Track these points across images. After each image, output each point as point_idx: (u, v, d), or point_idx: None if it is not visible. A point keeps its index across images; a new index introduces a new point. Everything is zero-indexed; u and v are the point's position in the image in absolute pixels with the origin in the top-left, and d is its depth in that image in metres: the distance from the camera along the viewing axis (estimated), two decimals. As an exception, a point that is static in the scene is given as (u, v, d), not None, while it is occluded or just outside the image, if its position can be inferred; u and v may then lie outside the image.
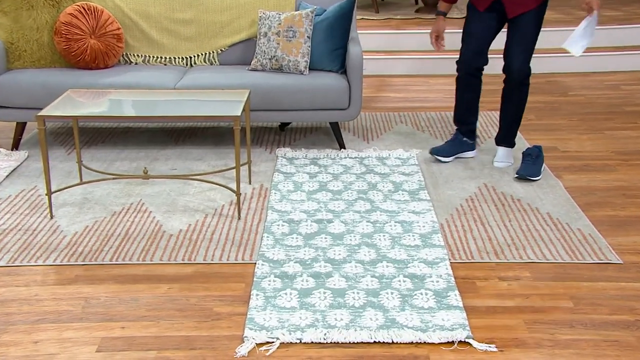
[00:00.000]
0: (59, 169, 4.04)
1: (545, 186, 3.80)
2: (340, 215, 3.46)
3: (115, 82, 4.16)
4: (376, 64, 6.08)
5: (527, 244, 3.20)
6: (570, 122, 4.87)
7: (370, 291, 2.81)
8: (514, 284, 2.89)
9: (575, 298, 2.79)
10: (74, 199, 3.66)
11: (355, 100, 4.16)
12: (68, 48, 4.26)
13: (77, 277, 2.95)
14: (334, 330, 2.55)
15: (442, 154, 4.07)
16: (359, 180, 3.88)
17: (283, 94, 4.13)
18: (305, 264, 3.02)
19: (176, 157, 4.22)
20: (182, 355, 2.44)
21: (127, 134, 4.59)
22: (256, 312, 2.67)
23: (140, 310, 2.71)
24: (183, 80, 4.22)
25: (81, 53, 4.28)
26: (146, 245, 3.19)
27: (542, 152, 3.97)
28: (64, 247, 3.18)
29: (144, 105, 3.49)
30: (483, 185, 3.82)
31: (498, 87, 4.17)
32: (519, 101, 3.93)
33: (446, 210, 3.53)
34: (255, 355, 2.44)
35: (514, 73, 3.81)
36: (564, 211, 3.51)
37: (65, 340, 2.53)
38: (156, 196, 3.69)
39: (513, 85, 3.88)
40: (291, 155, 4.23)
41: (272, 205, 3.56)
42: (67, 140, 4.49)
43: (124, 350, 2.48)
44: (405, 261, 3.03)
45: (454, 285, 2.84)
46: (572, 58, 6.01)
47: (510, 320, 2.64)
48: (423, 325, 2.58)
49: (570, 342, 2.52)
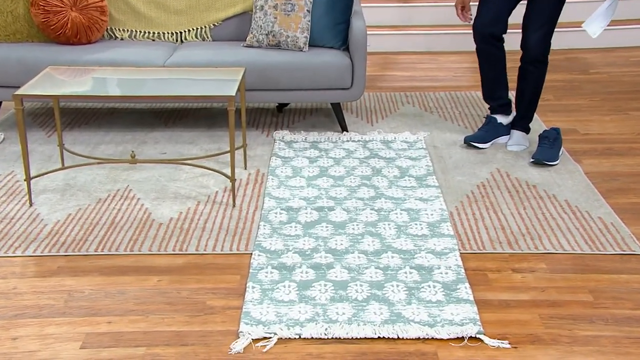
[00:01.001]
0: (38, 152, 4.06)
1: (563, 171, 3.82)
2: (342, 203, 3.48)
3: (99, 59, 4.16)
4: (381, 39, 6.08)
5: (543, 233, 3.22)
6: (592, 102, 4.88)
7: (374, 283, 2.83)
8: (528, 276, 2.91)
9: (596, 291, 2.81)
10: (55, 185, 3.67)
11: (358, 79, 4.17)
12: (46, 21, 4.26)
13: (60, 268, 2.97)
14: (335, 325, 2.57)
15: (479, 141, 4.07)
16: (362, 165, 3.89)
17: (281, 73, 4.13)
18: (304, 254, 3.04)
19: (166, 140, 4.23)
20: (172, 352, 2.47)
21: (113, 115, 4.60)
22: (252, 305, 2.69)
23: (127, 304, 2.74)
24: (173, 57, 4.22)
25: (61, 27, 4.28)
26: (134, 235, 3.21)
27: (560, 135, 3.98)
28: (45, 236, 3.20)
29: (131, 84, 3.50)
30: (496, 170, 3.84)
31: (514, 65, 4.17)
32: (535, 80, 3.94)
33: (456, 197, 3.55)
34: (251, 352, 2.47)
35: (531, 49, 3.82)
36: (584, 198, 3.53)
37: (46, 336, 2.55)
38: (144, 182, 3.70)
39: (529, 63, 3.89)
40: (290, 138, 4.24)
41: (269, 192, 3.58)
42: (47, 121, 4.50)
43: (110, 346, 2.50)
44: (412, 252, 3.05)
45: (464, 278, 2.86)
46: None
47: (525, 315, 2.66)
48: (431, 320, 2.60)
49: (589, 338, 2.53)
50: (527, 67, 3.91)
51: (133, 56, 4.18)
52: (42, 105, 4.76)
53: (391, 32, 6.14)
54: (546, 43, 3.81)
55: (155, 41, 4.53)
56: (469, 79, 5.38)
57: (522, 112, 4.06)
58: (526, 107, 4.04)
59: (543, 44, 3.80)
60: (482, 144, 4.07)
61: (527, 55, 3.86)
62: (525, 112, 4.06)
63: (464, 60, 5.85)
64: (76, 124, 4.47)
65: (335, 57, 4.16)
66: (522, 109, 4.06)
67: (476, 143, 4.07)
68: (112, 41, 4.49)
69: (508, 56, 4.07)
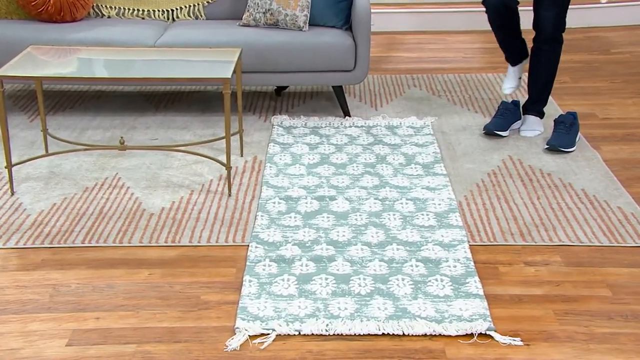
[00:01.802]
0: (20, 138, 4.06)
1: (580, 158, 3.82)
2: (344, 192, 3.49)
3: (84, 38, 4.16)
4: (386, 18, 6.07)
5: (558, 224, 3.23)
6: (612, 84, 4.88)
7: (378, 277, 2.84)
8: (542, 269, 2.92)
9: (614, 286, 2.82)
10: (38, 172, 3.68)
11: (361, 61, 4.17)
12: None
13: (44, 261, 2.98)
14: (337, 321, 2.58)
15: (500, 129, 4.04)
16: (365, 152, 3.90)
17: (279, 53, 4.13)
18: (304, 246, 3.05)
19: (157, 125, 4.24)
20: (164, 349, 2.48)
21: (100, 99, 4.60)
22: (249, 300, 2.70)
23: (117, 299, 2.75)
24: (164, 36, 4.22)
25: (43, 3, 4.28)
26: (123, 226, 3.22)
27: (577, 120, 3.98)
28: (28, 227, 3.21)
29: (119, 66, 3.50)
30: (508, 157, 3.84)
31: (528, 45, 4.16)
32: (550, 61, 3.94)
33: (465, 186, 3.56)
34: (247, 349, 2.48)
35: (544, 28, 3.81)
36: (602, 187, 3.53)
37: (30, 333, 2.56)
38: (134, 170, 3.71)
39: (543, 43, 3.89)
40: (289, 123, 4.25)
41: (267, 181, 3.59)
42: (29, 105, 4.51)
43: (98, 344, 2.51)
44: (418, 243, 3.06)
45: (474, 271, 2.87)
46: (616, 9, 5.98)
47: (538, 310, 2.67)
48: (438, 316, 2.61)
49: (607, 336, 2.54)
50: (541, 46, 3.91)
51: (121, 35, 4.18)
52: (24, 88, 4.76)
53: (397, 10, 6.13)
54: (560, 20, 3.81)
55: (145, 19, 4.53)
56: (479, 61, 5.38)
57: (536, 95, 4.06)
58: (540, 90, 4.04)
59: (558, 21, 3.80)
60: (503, 131, 4.05)
61: (541, 34, 3.86)
62: (539, 96, 4.06)
63: (474, 41, 5.84)
64: (60, 107, 4.47)
65: (337, 37, 4.16)
66: (535, 92, 4.06)
67: (499, 132, 4.03)
68: (98, 19, 4.49)
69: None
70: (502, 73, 5.03)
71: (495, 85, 4.82)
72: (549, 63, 3.94)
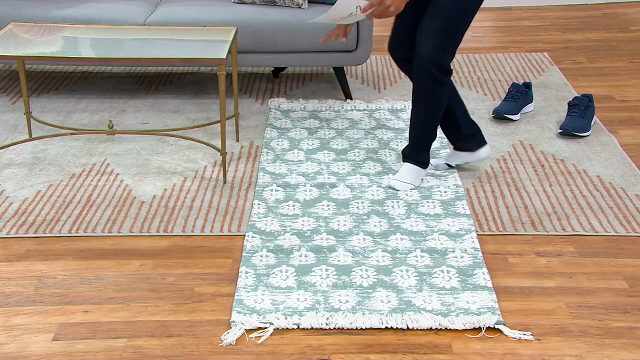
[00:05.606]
0: (1, 122, 4.07)
1: (595, 144, 3.84)
2: (345, 179, 3.50)
3: (70, 16, 4.16)
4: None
5: (571, 213, 3.25)
6: (632, 64, 4.87)
7: (381, 268, 2.86)
8: (554, 260, 2.94)
9: (631, 278, 2.84)
10: (22, 158, 3.70)
11: (364, 41, 4.18)
12: (13, -26, 4.26)
13: (29, 252, 3.00)
14: (338, 315, 2.61)
15: (511, 112, 4.04)
16: (368, 137, 3.91)
17: (277, 33, 4.14)
18: (304, 236, 3.07)
19: (148, 108, 4.25)
20: (157, 344, 2.50)
21: (87, 81, 4.61)
22: (245, 293, 2.72)
23: (106, 292, 2.77)
24: (155, 14, 4.23)
25: (29, -19, 4.28)
26: (113, 215, 3.24)
27: (592, 103, 3.99)
28: (11, 216, 3.23)
29: (107, 45, 3.51)
30: (519, 142, 3.86)
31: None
32: (424, 102, 3.29)
33: (473, 173, 3.57)
34: (244, 344, 2.50)
35: (419, 58, 3.19)
36: (619, 174, 3.55)
37: (14, 327, 2.58)
38: (124, 156, 3.73)
39: (418, 76, 3.26)
40: (287, 107, 4.26)
41: (264, 167, 3.61)
42: (11, 86, 4.52)
43: (87, 338, 2.53)
44: (424, 233, 3.08)
45: (482, 262, 2.89)
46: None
47: (550, 303, 2.69)
48: (444, 309, 2.63)
49: (623, 330, 2.56)
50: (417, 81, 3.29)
51: (109, 13, 4.19)
52: (5, 68, 4.77)
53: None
54: (445, 54, 3.21)
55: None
56: (490, 40, 5.38)
57: (414, 141, 3.45)
58: (417, 134, 3.42)
59: (439, 54, 3.18)
60: (514, 115, 4.06)
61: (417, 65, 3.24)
62: (417, 141, 3.44)
63: (484, 19, 5.84)
64: (45, 89, 4.48)
65: (339, 15, 4.16)
66: (412, 137, 3.45)
67: (510, 115, 4.04)
68: (85, -4, 4.50)
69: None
70: (514, 53, 5.04)
71: (506, 67, 4.83)
72: (424, 103, 3.30)
